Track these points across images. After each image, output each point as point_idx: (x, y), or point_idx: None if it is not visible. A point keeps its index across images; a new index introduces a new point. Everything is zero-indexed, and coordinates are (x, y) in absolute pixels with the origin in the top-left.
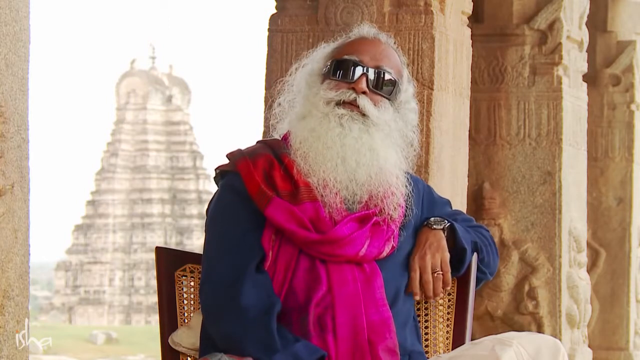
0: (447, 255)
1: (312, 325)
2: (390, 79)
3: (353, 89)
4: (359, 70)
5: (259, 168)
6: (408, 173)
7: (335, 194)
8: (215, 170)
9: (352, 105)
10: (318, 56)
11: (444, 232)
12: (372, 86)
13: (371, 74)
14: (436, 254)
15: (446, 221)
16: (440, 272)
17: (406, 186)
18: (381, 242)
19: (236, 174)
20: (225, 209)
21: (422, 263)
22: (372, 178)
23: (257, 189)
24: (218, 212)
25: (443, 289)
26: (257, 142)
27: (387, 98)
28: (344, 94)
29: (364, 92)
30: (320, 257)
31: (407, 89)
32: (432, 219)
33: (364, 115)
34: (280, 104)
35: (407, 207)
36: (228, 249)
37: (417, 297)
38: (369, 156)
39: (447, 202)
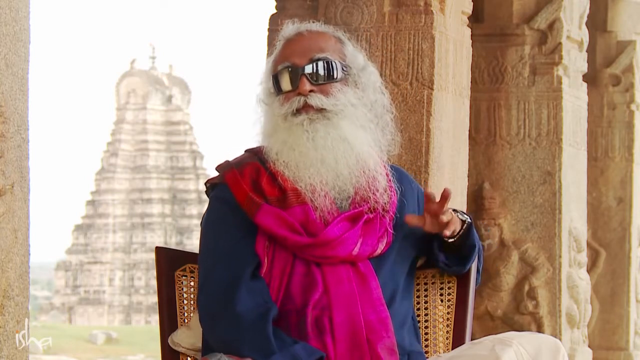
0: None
1: (310, 327)
2: (329, 64)
3: (300, 94)
4: (295, 74)
5: (246, 177)
6: (392, 166)
7: (325, 196)
8: (205, 184)
9: (307, 107)
10: (267, 74)
11: (463, 224)
12: (315, 82)
13: (308, 71)
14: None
15: (468, 218)
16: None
17: (384, 167)
18: (374, 240)
19: (225, 185)
20: (216, 220)
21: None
22: (352, 168)
23: (245, 198)
24: (210, 224)
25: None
26: (245, 150)
27: (336, 82)
28: (293, 103)
29: (311, 91)
30: (314, 260)
31: (356, 57)
32: (457, 210)
33: (321, 110)
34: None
35: (394, 187)
36: (221, 258)
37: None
38: (342, 148)
39: None
